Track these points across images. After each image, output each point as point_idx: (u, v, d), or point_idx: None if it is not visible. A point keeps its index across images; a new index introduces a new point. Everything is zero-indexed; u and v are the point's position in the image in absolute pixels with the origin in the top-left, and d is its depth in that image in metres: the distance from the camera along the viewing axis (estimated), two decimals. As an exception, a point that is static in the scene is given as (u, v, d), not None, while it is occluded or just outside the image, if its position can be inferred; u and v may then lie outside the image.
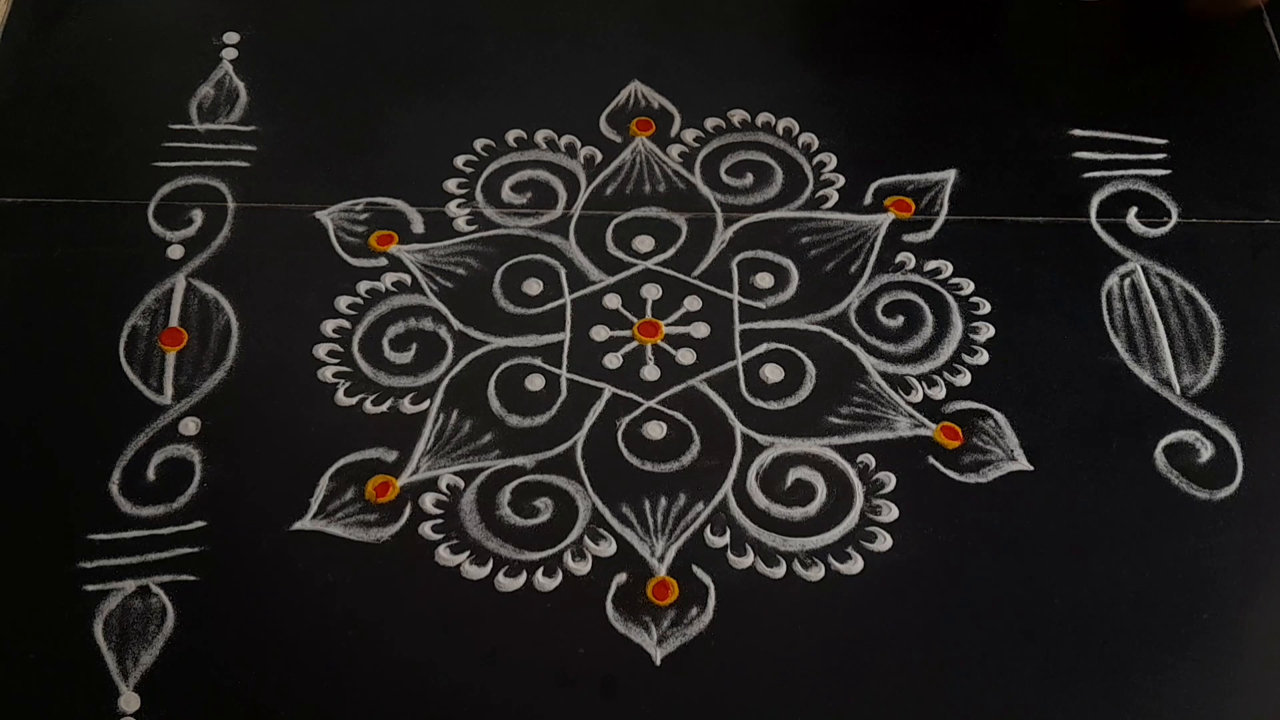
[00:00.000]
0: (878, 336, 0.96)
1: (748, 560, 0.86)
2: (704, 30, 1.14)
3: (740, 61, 1.12)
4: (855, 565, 0.86)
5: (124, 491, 0.88)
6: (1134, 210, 1.03)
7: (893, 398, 0.93)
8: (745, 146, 1.06)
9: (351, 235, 1.01)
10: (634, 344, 0.96)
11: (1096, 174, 1.05)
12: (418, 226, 1.01)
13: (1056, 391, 0.94)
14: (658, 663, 0.82)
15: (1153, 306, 0.98)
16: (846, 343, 0.96)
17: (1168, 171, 1.05)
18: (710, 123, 1.08)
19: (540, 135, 1.07)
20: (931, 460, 0.91)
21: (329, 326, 0.96)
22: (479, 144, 1.06)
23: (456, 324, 0.97)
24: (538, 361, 0.95)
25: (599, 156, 1.05)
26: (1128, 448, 0.91)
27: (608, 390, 0.93)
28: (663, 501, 0.88)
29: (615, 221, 1.02)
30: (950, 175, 1.05)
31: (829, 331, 0.97)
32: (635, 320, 0.97)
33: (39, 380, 0.93)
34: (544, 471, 0.90)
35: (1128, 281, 0.99)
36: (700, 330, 0.96)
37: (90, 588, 0.84)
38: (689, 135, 1.07)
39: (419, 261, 1.00)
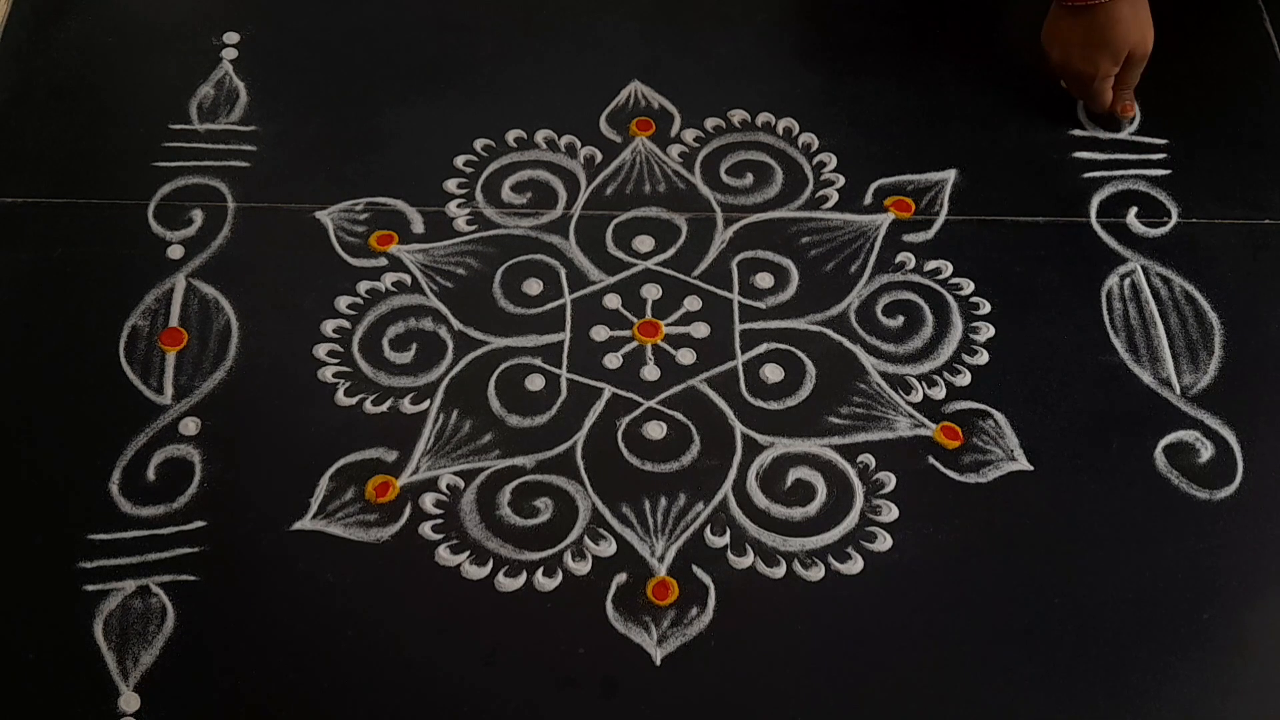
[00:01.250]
0: (878, 336, 0.96)
1: (748, 560, 0.86)
2: (704, 30, 1.14)
3: (740, 61, 1.12)
4: (855, 565, 0.86)
5: (124, 491, 0.88)
6: (1134, 210, 1.03)
7: (893, 398, 0.93)
8: (745, 146, 1.06)
9: (351, 235, 1.01)
10: (634, 344, 0.96)
11: (1096, 174, 1.05)
12: (418, 226, 1.01)
13: (1056, 391, 0.94)
14: (658, 663, 0.82)
15: (1153, 306, 0.98)
16: (846, 343, 0.96)
17: (1168, 171, 1.05)
18: (710, 123, 1.08)
19: (540, 135, 1.07)
20: (931, 460, 0.91)
21: (329, 326, 0.96)
22: (479, 144, 1.06)
23: (456, 324, 0.97)
24: (538, 361, 0.95)
25: (599, 156, 1.05)
26: (1128, 448, 0.91)
27: (608, 390, 0.93)
28: (663, 501, 0.88)
29: (615, 221, 1.02)
30: (950, 175, 1.05)
31: (829, 331, 0.97)
32: (635, 320, 0.97)
33: (39, 380, 0.93)
34: (544, 471, 0.90)
35: (1128, 281, 0.99)
36: (700, 330, 0.96)
37: (90, 588, 0.84)
38: (689, 135, 1.07)
39: (419, 261, 1.00)
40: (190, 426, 0.91)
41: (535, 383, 0.94)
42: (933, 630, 0.84)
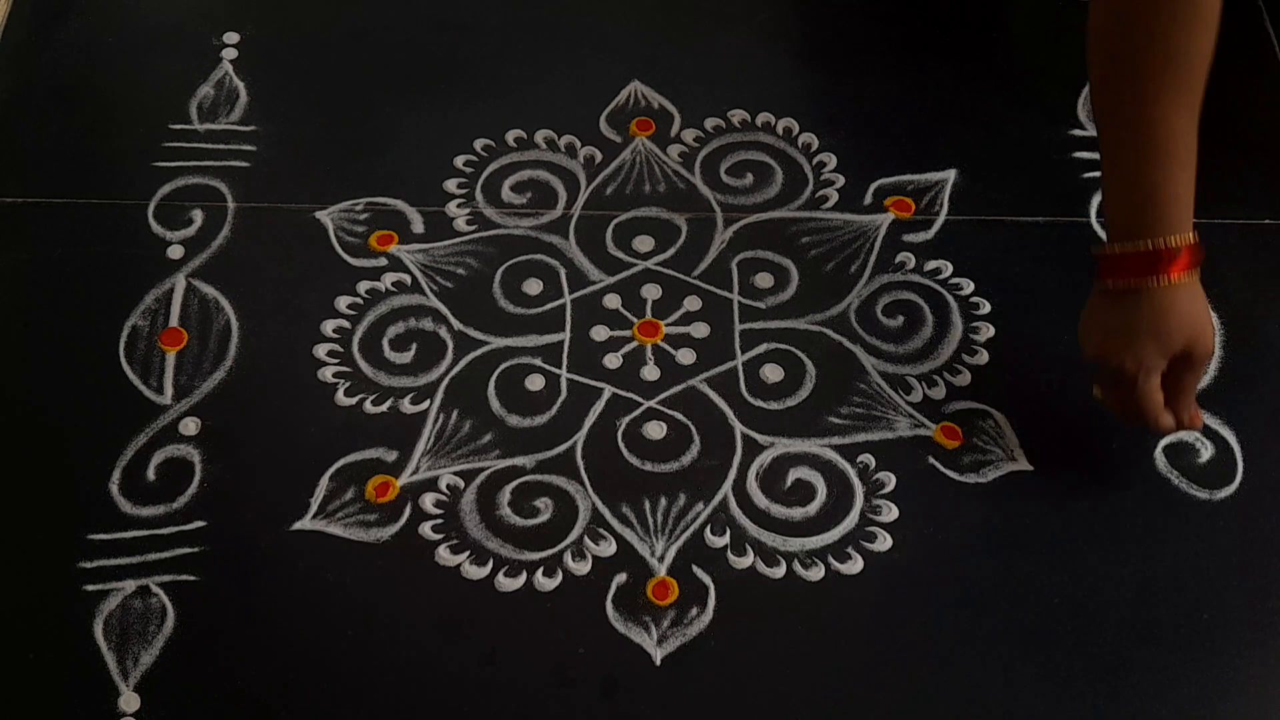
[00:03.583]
0: (878, 336, 0.96)
1: (748, 560, 0.86)
2: (704, 30, 1.14)
3: (740, 61, 1.12)
4: (855, 565, 0.86)
5: (124, 491, 0.88)
6: (1134, 210, 1.03)
7: (893, 398, 0.93)
8: (745, 146, 1.06)
9: (351, 235, 1.01)
10: (634, 344, 0.96)
11: (1096, 174, 1.05)
12: (418, 226, 1.01)
13: (1056, 391, 0.94)
14: (658, 663, 0.82)
15: (1153, 306, 0.98)
16: (846, 343, 0.96)
17: (1168, 171, 1.05)
18: (710, 123, 1.08)
19: (540, 135, 1.07)
20: (931, 460, 0.91)
21: (329, 326, 0.96)
22: (479, 144, 1.06)
23: (456, 324, 0.97)
24: (538, 361, 0.95)
25: (599, 156, 1.05)
26: (1128, 448, 0.91)
27: (608, 390, 0.93)
28: (663, 501, 0.88)
29: (615, 221, 1.02)
30: (950, 175, 1.05)
31: (829, 331, 0.97)
32: (635, 320, 0.97)
33: (39, 381, 0.93)
34: (544, 471, 0.90)
35: (1128, 281, 0.99)
36: (700, 330, 0.96)
37: (90, 588, 0.84)
38: (689, 135, 1.07)
39: (419, 261, 1.00)
40: (190, 426, 0.91)
41: (535, 383, 0.94)
42: (933, 630, 0.84)
